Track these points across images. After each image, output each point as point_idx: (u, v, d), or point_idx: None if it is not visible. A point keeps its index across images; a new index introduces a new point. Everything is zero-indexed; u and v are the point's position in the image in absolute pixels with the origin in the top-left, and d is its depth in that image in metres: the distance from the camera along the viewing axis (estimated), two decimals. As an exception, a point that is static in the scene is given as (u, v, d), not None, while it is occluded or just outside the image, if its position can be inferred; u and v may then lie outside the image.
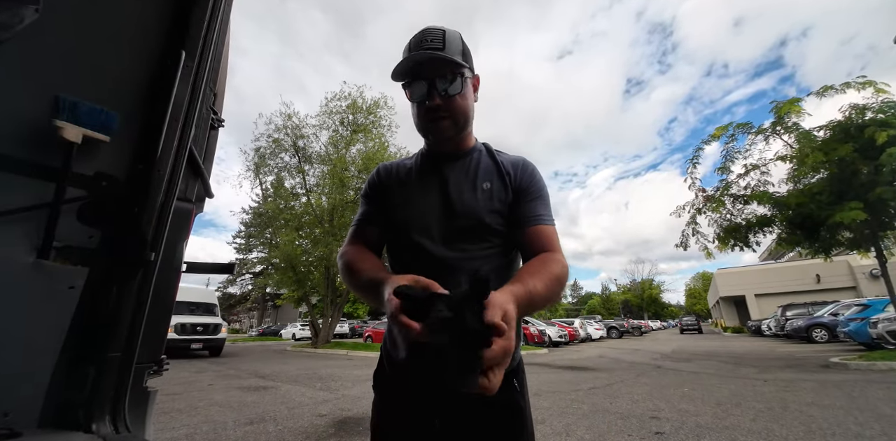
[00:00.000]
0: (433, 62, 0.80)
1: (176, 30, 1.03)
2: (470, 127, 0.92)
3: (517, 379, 0.86)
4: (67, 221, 0.84)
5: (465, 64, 0.83)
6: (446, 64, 0.80)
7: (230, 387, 6.06)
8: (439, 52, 0.79)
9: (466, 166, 0.91)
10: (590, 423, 3.60)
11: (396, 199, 0.92)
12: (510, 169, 0.91)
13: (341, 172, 15.40)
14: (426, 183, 0.91)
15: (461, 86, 0.83)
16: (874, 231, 8.41)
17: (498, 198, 0.87)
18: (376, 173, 0.99)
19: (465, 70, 0.84)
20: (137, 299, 0.89)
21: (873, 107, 8.02)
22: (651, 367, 8.17)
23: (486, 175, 0.90)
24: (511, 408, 0.83)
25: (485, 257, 0.84)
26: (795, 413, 3.82)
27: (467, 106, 0.86)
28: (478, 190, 0.87)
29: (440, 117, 0.84)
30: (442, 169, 0.91)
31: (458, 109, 0.84)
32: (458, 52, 0.82)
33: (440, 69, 0.81)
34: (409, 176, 0.94)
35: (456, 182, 0.89)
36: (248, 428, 3.60)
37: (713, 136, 10.14)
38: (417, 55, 0.79)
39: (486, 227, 0.84)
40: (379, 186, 0.96)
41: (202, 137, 1.19)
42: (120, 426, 0.83)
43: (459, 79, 0.82)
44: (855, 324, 9.85)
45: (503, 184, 0.89)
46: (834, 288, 24.87)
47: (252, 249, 18.65)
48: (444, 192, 0.89)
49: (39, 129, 0.81)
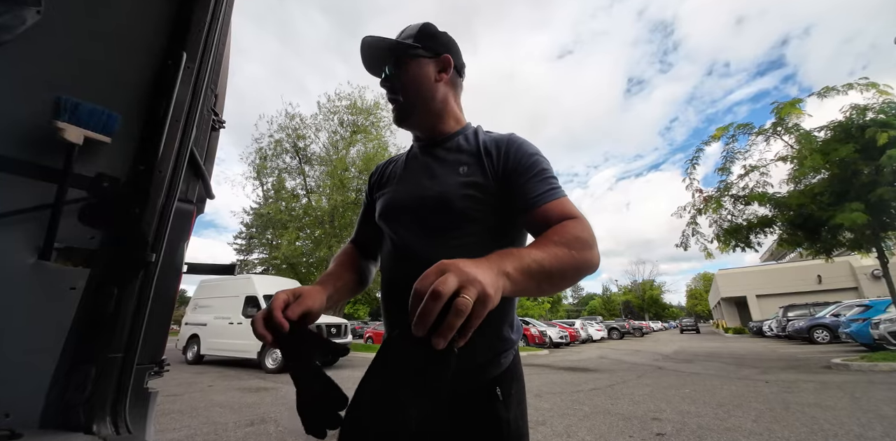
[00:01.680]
0: (368, 48, 0.85)
1: (177, 31, 1.04)
2: (431, 105, 0.86)
3: (501, 387, 0.77)
4: (69, 222, 0.84)
5: (412, 43, 0.83)
6: (381, 48, 0.84)
7: (231, 388, 6.05)
8: (371, 37, 0.83)
9: (447, 150, 0.87)
10: (591, 425, 3.59)
11: (382, 188, 0.93)
12: (492, 149, 0.81)
13: (341, 173, 15.42)
14: (409, 170, 0.91)
15: (400, 66, 0.84)
16: (875, 232, 8.39)
17: (473, 181, 0.78)
18: (373, 172, 1.01)
19: (411, 50, 0.83)
20: (138, 300, 0.89)
21: (874, 107, 8.02)
22: (652, 367, 8.15)
23: (466, 158, 0.83)
24: (490, 419, 0.75)
25: (459, 247, 0.76)
26: (797, 414, 3.81)
27: (418, 85, 0.84)
28: (455, 174, 0.81)
29: (392, 99, 0.87)
30: (425, 155, 0.89)
31: (404, 88, 0.85)
32: (408, 37, 0.85)
33: (379, 52, 0.85)
34: (398, 167, 0.94)
35: (435, 167, 0.85)
36: (249, 429, 3.60)
37: (714, 136, 10.15)
38: (362, 42, 0.84)
39: (459, 213, 0.76)
40: (375, 184, 0.97)
41: (203, 138, 1.19)
42: (121, 427, 0.83)
43: (405, 59, 0.84)
44: (857, 324, 9.81)
45: (480, 166, 0.80)
46: (835, 288, 24.80)
47: (253, 250, 18.65)
48: (420, 177, 0.86)
49: (41, 131, 0.82)
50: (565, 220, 0.68)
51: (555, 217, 0.70)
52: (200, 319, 10.01)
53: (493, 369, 0.78)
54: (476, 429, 0.74)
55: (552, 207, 0.71)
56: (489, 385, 0.77)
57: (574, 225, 0.65)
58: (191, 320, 10.29)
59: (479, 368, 0.77)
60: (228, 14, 1.19)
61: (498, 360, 0.79)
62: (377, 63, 0.87)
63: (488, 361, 0.78)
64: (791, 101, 8.91)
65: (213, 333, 9.58)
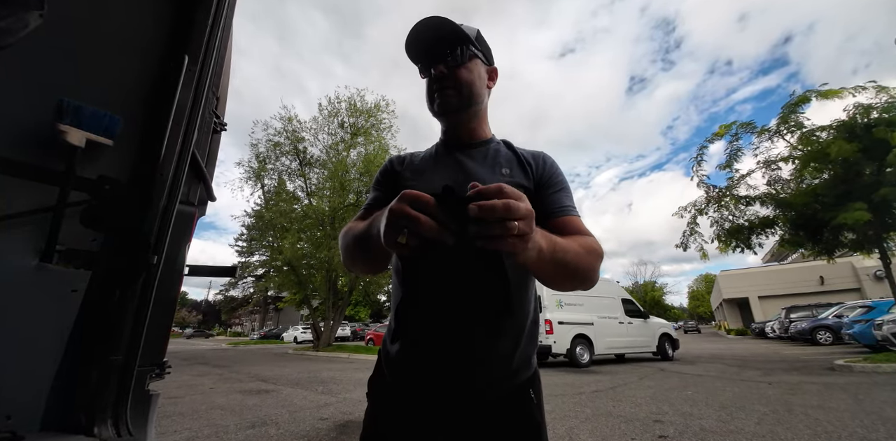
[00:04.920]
0: (437, 27, 0.80)
1: (179, 34, 1.04)
2: (478, 107, 0.88)
3: (534, 389, 0.79)
4: (71, 225, 0.84)
5: (474, 42, 0.84)
6: (449, 31, 0.81)
7: (231, 390, 6.04)
8: (442, 18, 0.80)
9: (484, 153, 0.89)
10: (593, 427, 3.58)
11: (409, 177, 0.88)
12: (531, 160, 0.88)
13: (341, 176, 15.43)
14: (441, 164, 0.88)
15: (466, 58, 0.83)
16: (878, 232, 8.37)
17: (519, 183, 0.82)
18: (388, 162, 0.97)
19: (473, 47, 0.84)
20: (140, 302, 0.89)
21: (878, 107, 8.02)
22: (654, 369, 8.12)
23: (505, 162, 0.86)
24: (528, 425, 0.75)
25: None
26: (800, 416, 3.79)
27: (472, 78, 0.85)
28: (496, 174, 0.83)
29: (445, 86, 0.83)
30: (457, 154, 0.89)
31: (462, 79, 0.83)
32: (472, 33, 0.84)
33: (447, 37, 0.81)
34: (424, 160, 0.92)
35: (471, 165, 0.86)
36: (250, 431, 3.59)
37: (717, 133, 10.17)
38: (422, 24, 0.80)
39: None
40: (391, 173, 0.93)
41: (204, 141, 1.19)
42: (122, 429, 0.83)
43: (466, 51, 0.82)
44: (859, 326, 9.77)
45: (524, 172, 0.85)
46: (838, 290, 24.73)
47: (254, 252, 18.65)
48: (455, 172, 0.85)
49: (43, 133, 0.82)
50: (588, 236, 0.75)
51: (572, 229, 0.77)
52: (582, 318, 9.29)
53: (525, 372, 0.78)
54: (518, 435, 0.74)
55: (573, 220, 0.80)
56: (522, 388, 0.77)
57: (592, 241, 0.72)
58: (567, 319, 9.06)
59: (514, 373, 0.77)
60: (230, 17, 1.20)
61: (530, 362, 0.80)
62: (438, 45, 0.82)
63: (523, 364, 0.78)
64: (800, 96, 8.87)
65: (604, 333, 9.44)
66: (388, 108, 17.26)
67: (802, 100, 8.83)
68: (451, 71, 0.82)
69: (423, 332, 0.76)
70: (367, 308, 41.65)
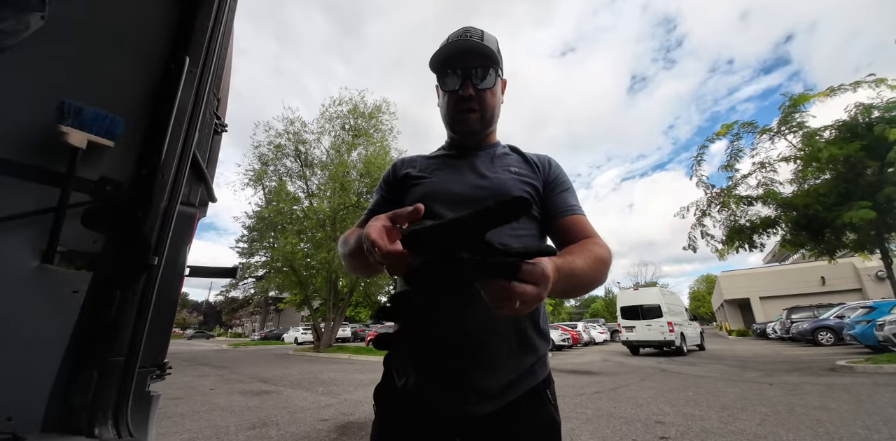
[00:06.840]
0: (474, 51, 0.81)
1: (180, 35, 1.04)
2: (494, 125, 0.92)
3: (550, 390, 0.79)
4: (72, 226, 0.84)
5: (500, 62, 0.85)
6: (484, 55, 0.81)
7: (232, 391, 6.04)
8: (478, 42, 0.80)
9: (492, 155, 0.91)
10: (594, 428, 3.57)
11: (416, 179, 0.88)
12: (537, 162, 0.91)
13: (342, 177, 15.44)
14: (450, 165, 0.90)
15: (493, 81, 0.83)
16: (880, 233, 8.35)
17: (529, 182, 0.85)
18: (392, 166, 0.98)
19: (499, 68, 0.85)
20: (141, 303, 0.89)
21: (879, 106, 8.02)
22: (655, 370, 8.11)
23: (514, 163, 0.89)
24: (548, 427, 0.75)
25: (516, 238, 0.79)
26: (802, 417, 3.78)
27: (495, 103, 0.87)
28: (507, 173, 0.86)
29: (470, 109, 0.84)
30: (465, 157, 0.90)
31: (487, 104, 0.85)
32: (494, 45, 0.84)
33: (477, 60, 0.81)
34: (432, 162, 0.92)
35: (480, 166, 0.87)
36: (251, 432, 3.59)
37: (719, 133, 10.17)
38: (461, 43, 0.80)
39: None
40: (394, 177, 0.94)
41: (206, 142, 1.20)
42: (122, 430, 0.83)
43: (493, 74, 0.83)
44: (861, 326, 9.74)
45: (531, 171, 0.88)
46: (839, 290, 24.66)
47: (255, 253, 18.65)
48: (464, 172, 0.86)
49: (44, 134, 0.82)
50: (594, 238, 0.77)
51: (579, 228, 0.80)
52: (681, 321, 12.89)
53: (541, 371, 0.79)
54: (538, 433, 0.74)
55: (579, 220, 0.82)
56: (539, 387, 0.77)
57: (600, 249, 0.72)
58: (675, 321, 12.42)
59: (531, 371, 0.76)
60: (231, 18, 1.20)
61: (544, 360, 0.80)
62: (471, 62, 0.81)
63: (539, 362, 0.78)
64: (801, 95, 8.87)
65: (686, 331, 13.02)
66: (389, 109, 17.31)
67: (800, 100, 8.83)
68: (478, 93, 0.83)
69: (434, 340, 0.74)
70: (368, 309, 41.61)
